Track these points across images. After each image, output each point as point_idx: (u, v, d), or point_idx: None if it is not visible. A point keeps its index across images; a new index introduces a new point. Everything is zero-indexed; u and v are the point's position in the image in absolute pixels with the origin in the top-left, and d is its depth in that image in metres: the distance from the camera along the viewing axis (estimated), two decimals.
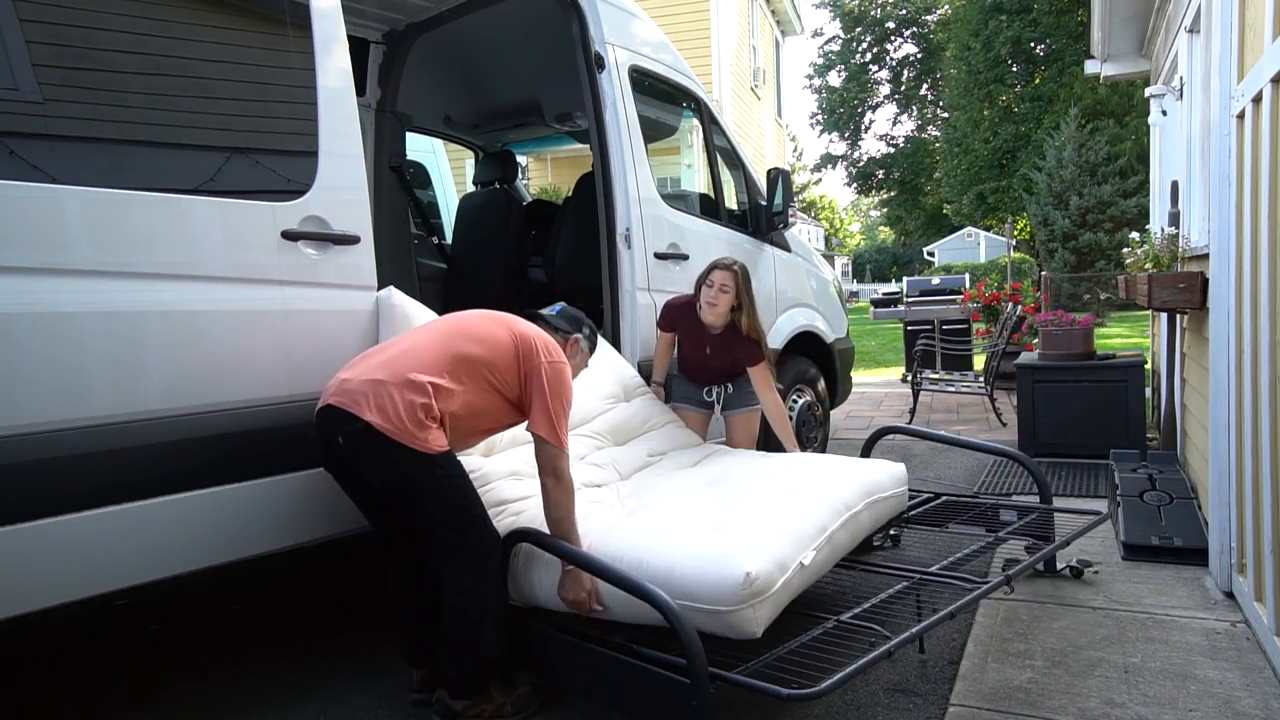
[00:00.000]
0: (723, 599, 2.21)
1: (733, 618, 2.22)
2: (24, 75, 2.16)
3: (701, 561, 2.30)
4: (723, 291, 3.41)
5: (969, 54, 24.22)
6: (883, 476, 3.09)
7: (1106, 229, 17.03)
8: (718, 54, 13.31)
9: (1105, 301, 16.15)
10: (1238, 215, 2.94)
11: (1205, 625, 2.95)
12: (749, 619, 2.23)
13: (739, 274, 3.43)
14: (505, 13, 4.20)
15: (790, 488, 2.85)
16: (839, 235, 54.44)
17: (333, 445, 2.37)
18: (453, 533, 2.41)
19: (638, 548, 2.46)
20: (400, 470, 2.31)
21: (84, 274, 2.19)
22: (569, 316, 2.90)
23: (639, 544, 2.48)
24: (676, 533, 2.50)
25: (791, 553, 2.41)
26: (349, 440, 2.31)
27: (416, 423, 2.29)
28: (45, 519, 2.09)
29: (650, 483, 3.09)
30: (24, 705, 2.83)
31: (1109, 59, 7.03)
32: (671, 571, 2.31)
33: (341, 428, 2.31)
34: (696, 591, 2.25)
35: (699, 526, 2.54)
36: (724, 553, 2.31)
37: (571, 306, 2.95)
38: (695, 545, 2.39)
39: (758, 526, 2.50)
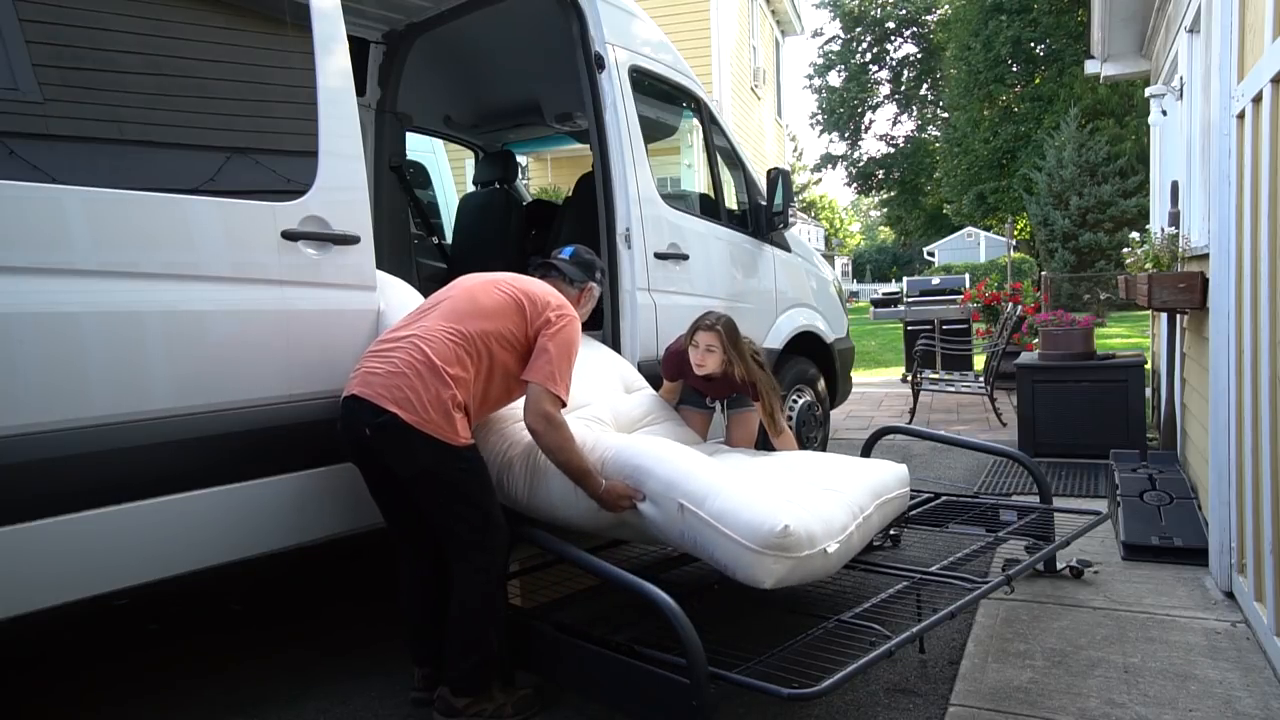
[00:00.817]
0: (754, 537, 2.30)
1: (753, 558, 2.31)
2: (24, 75, 2.16)
3: (746, 498, 2.41)
4: (709, 352, 3.25)
5: (969, 54, 24.22)
6: (889, 478, 3.11)
7: (1106, 229, 17.03)
8: (718, 54, 13.31)
9: (1105, 301, 16.15)
10: (1238, 215, 2.94)
11: (1205, 625, 2.95)
12: (766, 568, 2.32)
13: (722, 332, 3.22)
14: (505, 13, 4.20)
15: (811, 483, 2.89)
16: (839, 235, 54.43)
17: (359, 437, 2.37)
18: (471, 530, 2.44)
19: (682, 467, 2.54)
20: (426, 462, 2.34)
21: (84, 274, 2.18)
22: (583, 263, 2.89)
23: (683, 465, 2.56)
24: (721, 472, 2.59)
25: (821, 535, 2.48)
26: (375, 432, 2.32)
27: (443, 414, 2.34)
28: (45, 519, 2.09)
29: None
30: (24, 705, 2.83)
31: (1109, 59, 7.03)
32: (714, 493, 2.42)
33: (367, 419, 2.33)
34: (732, 520, 2.35)
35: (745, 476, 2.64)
36: (769, 502, 2.43)
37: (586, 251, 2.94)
38: (741, 485, 2.50)
39: (799, 497, 2.60)
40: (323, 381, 2.65)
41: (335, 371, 2.67)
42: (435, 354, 2.39)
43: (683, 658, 2.10)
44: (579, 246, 2.93)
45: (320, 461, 2.64)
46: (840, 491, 2.82)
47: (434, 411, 2.32)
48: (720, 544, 2.36)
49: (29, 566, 2.09)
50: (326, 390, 2.65)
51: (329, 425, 2.63)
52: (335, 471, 2.67)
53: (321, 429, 2.63)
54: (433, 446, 2.32)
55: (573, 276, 2.86)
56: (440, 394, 2.35)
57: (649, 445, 2.72)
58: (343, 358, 2.68)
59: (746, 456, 3.32)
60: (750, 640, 2.51)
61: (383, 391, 2.33)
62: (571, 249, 2.92)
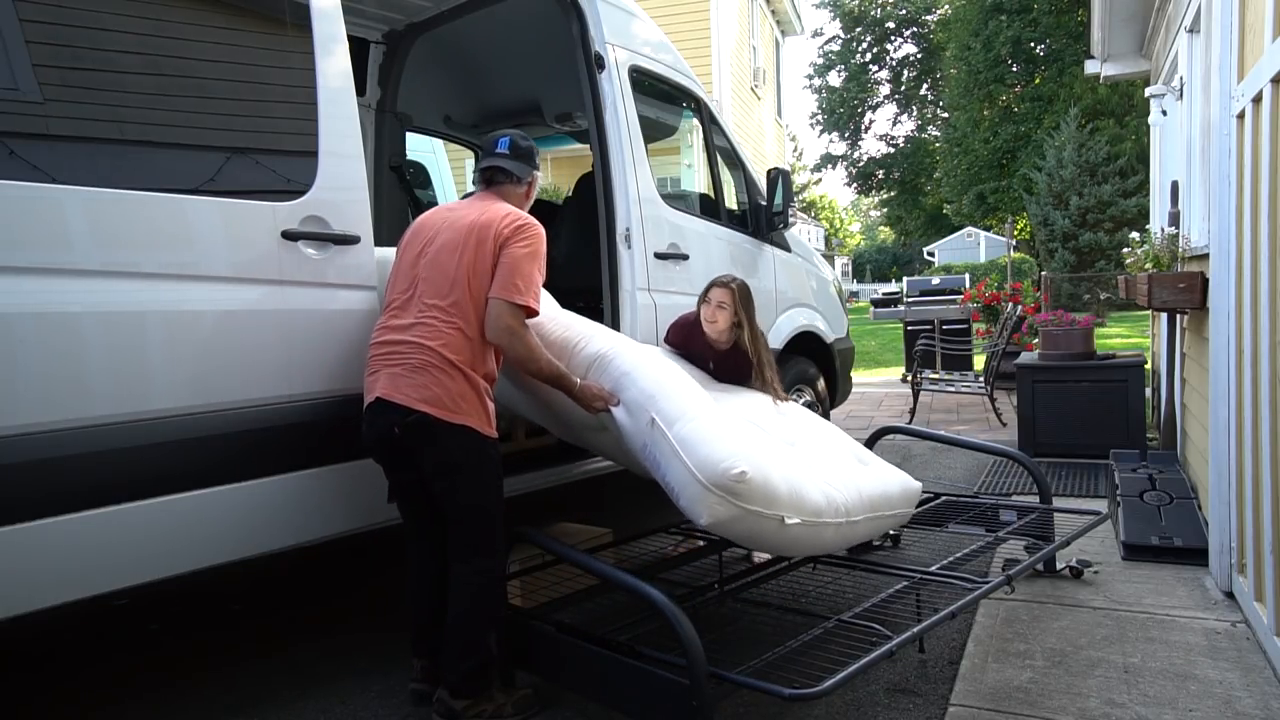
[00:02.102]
0: (706, 471, 2.30)
1: (698, 491, 2.32)
2: (24, 75, 2.16)
3: (716, 432, 2.40)
4: (720, 308, 3.34)
5: (969, 54, 24.21)
6: (895, 493, 3.00)
7: (1106, 229, 17.03)
8: (718, 54, 13.30)
9: (1105, 301, 16.16)
10: (1238, 215, 2.94)
11: (1205, 625, 2.95)
12: (708, 505, 2.32)
13: (736, 290, 3.34)
14: (505, 13, 4.20)
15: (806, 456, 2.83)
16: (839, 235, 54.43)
17: (388, 436, 2.42)
18: (479, 533, 2.48)
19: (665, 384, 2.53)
20: (457, 455, 2.41)
21: (84, 274, 2.19)
22: (523, 153, 2.72)
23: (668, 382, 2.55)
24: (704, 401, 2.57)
25: (783, 503, 2.44)
26: (406, 430, 2.38)
27: (474, 404, 2.42)
28: (45, 519, 2.09)
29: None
30: (24, 705, 2.83)
31: (1109, 59, 7.03)
32: (687, 417, 2.42)
33: (395, 419, 2.38)
34: (693, 447, 2.35)
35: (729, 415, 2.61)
36: (737, 444, 2.40)
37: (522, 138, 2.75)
38: (719, 419, 2.48)
39: (774, 457, 2.55)
40: (323, 381, 2.65)
41: (335, 371, 2.67)
42: (445, 347, 2.39)
43: (683, 658, 2.10)
44: (513, 134, 2.73)
45: (320, 461, 2.64)
46: (832, 484, 2.76)
47: (464, 403, 2.40)
48: (675, 467, 2.36)
49: (29, 566, 2.09)
50: (327, 390, 2.65)
51: (329, 425, 2.64)
52: (335, 471, 2.68)
53: (321, 429, 2.64)
54: (464, 439, 2.40)
55: (520, 174, 2.70)
56: (465, 387, 2.41)
57: (641, 355, 2.69)
58: (343, 357, 2.68)
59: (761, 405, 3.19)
60: (750, 640, 2.51)
61: (410, 392, 2.37)
62: (507, 139, 2.71)
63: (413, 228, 2.64)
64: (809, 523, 2.53)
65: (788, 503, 2.45)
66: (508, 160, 2.68)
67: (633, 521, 4.02)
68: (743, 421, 2.83)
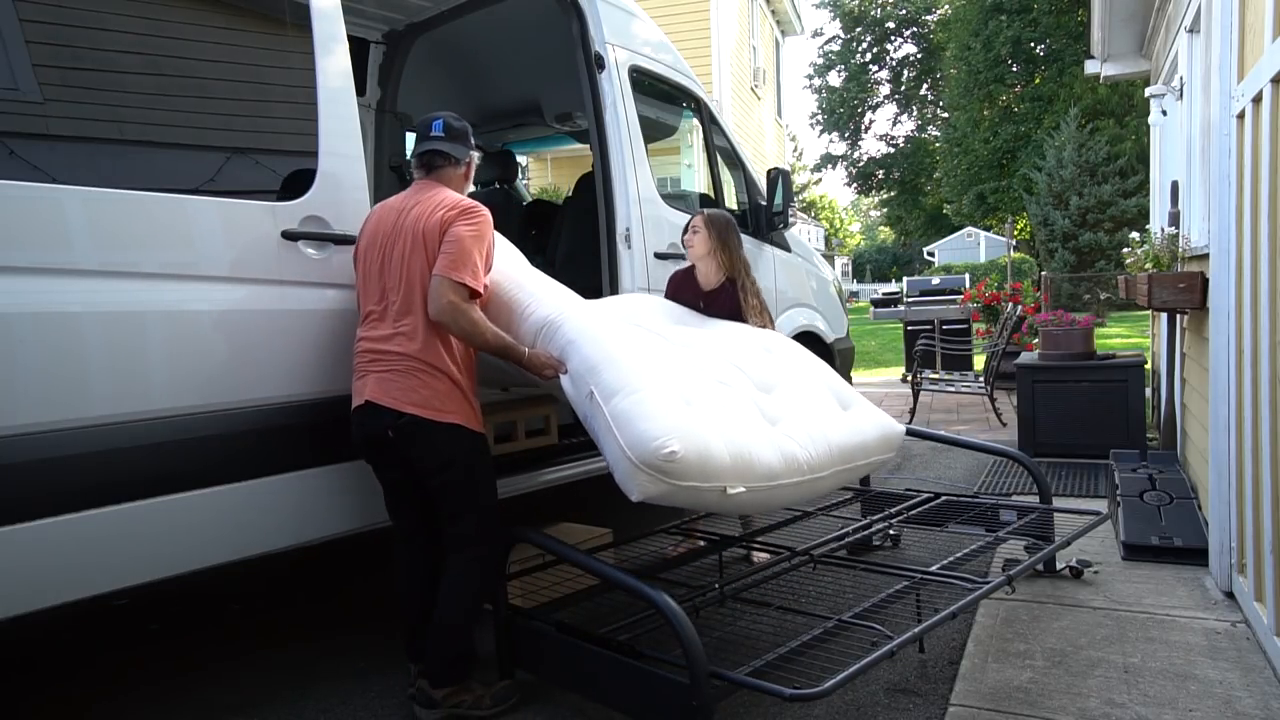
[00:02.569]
0: (637, 450, 2.29)
1: (629, 468, 2.31)
2: (24, 75, 2.16)
3: (650, 408, 2.37)
4: (693, 232, 3.52)
5: (969, 54, 24.21)
6: (870, 439, 2.98)
7: (1106, 229, 17.03)
8: (718, 54, 13.30)
9: (1105, 301, 16.16)
10: (1238, 215, 2.94)
11: (1205, 625, 2.95)
12: (638, 482, 2.31)
13: (707, 217, 3.52)
14: (505, 13, 4.20)
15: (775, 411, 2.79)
16: (839, 235, 54.42)
17: (379, 437, 2.46)
18: (476, 525, 2.53)
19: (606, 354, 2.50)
20: (448, 453, 2.46)
21: (84, 274, 2.18)
22: (459, 134, 2.67)
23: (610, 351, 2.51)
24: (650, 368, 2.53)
25: (725, 472, 2.42)
26: (399, 432, 2.43)
27: (460, 404, 2.47)
28: (45, 519, 2.09)
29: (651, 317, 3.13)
30: (24, 705, 2.82)
31: (1109, 59, 7.02)
32: (624, 392, 2.39)
33: (388, 422, 2.42)
34: (625, 424, 2.34)
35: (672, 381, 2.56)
36: (671, 419, 2.36)
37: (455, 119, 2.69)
38: (659, 390, 2.44)
39: (718, 427, 2.49)
40: (323, 381, 2.65)
41: (335, 371, 2.67)
42: (425, 352, 2.44)
43: (683, 658, 2.10)
44: (445, 116, 2.67)
45: (320, 461, 2.64)
46: (795, 439, 2.70)
47: (450, 402, 2.45)
48: (609, 443, 2.36)
49: (29, 566, 2.08)
50: (327, 390, 2.65)
51: (329, 425, 2.64)
52: (335, 471, 2.68)
53: (321, 429, 2.64)
54: (455, 436, 2.45)
55: (458, 155, 2.67)
56: (449, 387, 2.46)
57: (587, 322, 2.62)
58: (343, 357, 2.68)
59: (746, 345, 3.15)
60: (750, 640, 2.51)
61: (399, 395, 2.41)
62: (440, 121, 2.64)
63: (367, 231, 2.59)
64: (757, 488, 2.52)
65: (730, 472, 2.43)
66: (444, 143, 2.63)
67: (633, 521, 4.02)
68: (706, 380, 2.74)
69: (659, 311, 3.31)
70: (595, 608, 2.86)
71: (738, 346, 3.12)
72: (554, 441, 3.61)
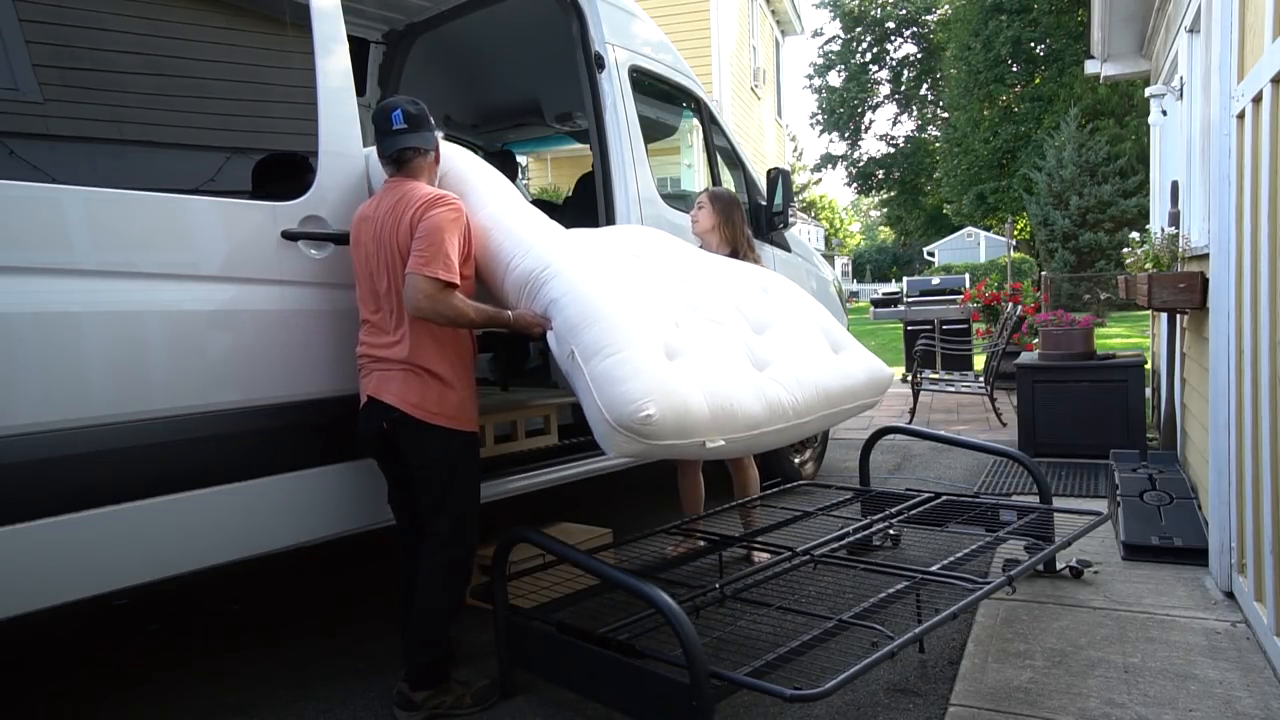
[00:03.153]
0: (614, 413, 2.31)
1: (606, 429, 2.34)
2: (24, 75, 2.16)
3: (631, 369, 2.37)
4: (699, 208, 3.82)
5: (969, 54, 24.21)
6: (856, 382, 3.03)
7: (1106, 229, 17.04)
8: (718, 54, 13.30)
9: (1105, 301, 16.16)
10: (1238, 215, 2.94)
11: (1205, 625, 2.95)
12: (616, 442, 2.35)
13: (712, 194, 3.85)
14: (505, 13, 4.20)
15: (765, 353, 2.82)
16: (839, 235, 54.43)
17: (378, 429, 2.53)
18: (450, 524, 2.56)
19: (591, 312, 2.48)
20: (434, 452, 2.52)
21: (84, 274, 2.18)
22: (420, 119, 2.60)
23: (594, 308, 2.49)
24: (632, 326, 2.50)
25: (705, 427, 2.45)
26: (393, 425, 2.50)
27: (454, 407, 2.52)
28: (45, 519, 2.09)
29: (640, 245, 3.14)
30: (24, 705, 2.82)
31: (1109, 59, 7.03)
32: (605, 353, 2.39)
33: (384, 416, 2.50)
34: (604, 386, 2.35)
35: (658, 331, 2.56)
36: (653, 384, 2.36)
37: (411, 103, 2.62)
38: (640, 350, 2.43)
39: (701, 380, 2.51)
40: (323, 381, 2.65)
41: (335, 371, 2.67)
42: (419, 357, 2.49)
43: (683, 658, 2.10)
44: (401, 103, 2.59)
45: (320, 461, 2.64)
46: (781, 382, 2.73)
47: (444, 404, 2.51)
48: (588, 403, 2.39)
49: (29, 566, 2.08)
50: (327, 390, 2.65)
51: (328, 425, 2.64)
52: (335, 471, 2.68)
53: (321, 429, 2.64)
54: (442, 437, 2.51)
55: (427, 145, 2.63)
56: (443, 389, 2.51)
57: (572, 279, 2.57)
58: (343, 357, 2.68)
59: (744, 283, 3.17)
60: (750, 640, 2.51)
61: (395, 391, 2.49)
62: (399, 111, 2.56)
63: (354, 242, 2.61)
64: (738, 438, 2.55)
65: (710, 426, 2.46)
66: (410, 135, 2.57)
67: (633, 521, 4.02)
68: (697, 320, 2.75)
69: (663, 244, 3.29)
70: (595, 608, 2.86)
71: (736, 285, 3.14)
72: (554, 442, 3.61)
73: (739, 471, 3.90)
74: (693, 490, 3.89)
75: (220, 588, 3.80)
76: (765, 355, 2.85)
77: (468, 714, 2.57)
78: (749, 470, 3.92)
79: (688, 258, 3.24)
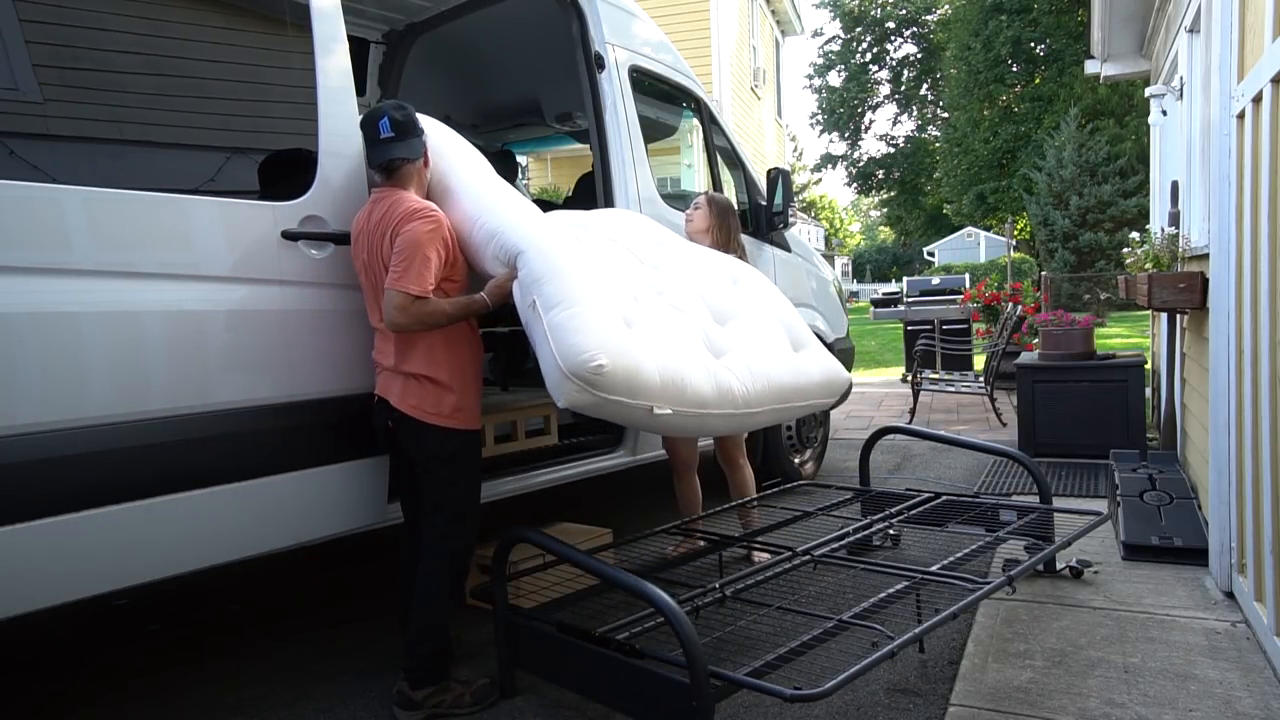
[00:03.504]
0: (567, 361, 2.37)
1: (559, 377, 2.39)
2: (24, 75, 2.16)
3: (586, 322, 2.43)
4: (695, 208, 3.81)
5: (969, 54, 24.22)
6: (812, 382, 3.08)
7: (1106, 229, 17.04)
8: (718, 54, 13.31)
9: (1105, 301, 16.17)
10: (1238, 215, 2.94)
11: (1205, 625, 2.95)
12: (566, 391, 2.39)
13: (710, 196, 3.85)
14: (505, 13, 4.20)
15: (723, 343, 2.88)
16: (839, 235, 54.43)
17: (384, 427, 2.62)
18: (450, 521, 2.60)
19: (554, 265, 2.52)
20: (432, 449, 2.57)
21: (84, 274, 2.18)
22: (408, 126, 2.58)
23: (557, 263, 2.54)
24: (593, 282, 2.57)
25: (654, 393, 2.51)
26: (396, 423, 2.58)
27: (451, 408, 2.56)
28: (45, 519, 2.09)
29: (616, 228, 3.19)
30: (24, 705, 2.82)
31: (1109, 59, 7.03)
32: (563, 305, 2.44)
33: (389, 414, 2.58)
34: (559, 336, 2.40)
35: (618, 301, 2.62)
36: (608, 339, 2.42)
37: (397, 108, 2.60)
38: (598, 305, 2.50)
39: (654, 350, 2.57)
40: (323, 382, 2.65)
41: (335, 372, 2.67)
42: (416, 364, 2.54)
43: (683, 658, 2.10)
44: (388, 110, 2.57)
45: (320, 461, 2.64)
46: (734, 372, 2.80)
47: (443, 405, 2.55)
48: (543, 351, 2.44)
49: (29, 566, 2.08)
50: (326, 390, 2.65)
51: (328, 425, 2.65)
52: (335, 471, 2.68)
53: (321, 428, 2.64)
54: (441, 436, 2.56)
55: (415, 154, 2.62)
56: (442, 391, 2.55)
57: (538, 235, 2.60)
58: (343, 358, 2.68)
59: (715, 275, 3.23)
60: (750, 640, 2.51)
61: (398, 394, 2.55)
62: (386, 119, 2.55)
63: (352, 249, 2.63)
64: (686, 413, 2.60)
65: (659, 394, 2.52)
66: (398, 145, 2.57)
67: (633, 521, 4.02)
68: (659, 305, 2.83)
69: (642, 231, 3.33)
70: (595, 608, 2.86)
71: (705, 275, 3.20)
72: (554, 441, 3.61)
73: (734, 471, 3.90)
74: (690, 495, 3.88)
75: (220, 588, 3.80)
76: (723, 344, 2.92)
77: (467, 713, 2.57)
78: (744, 471, 3.91)
79: (665, 245, 3.29)
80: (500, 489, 3.26)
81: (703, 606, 2.74)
